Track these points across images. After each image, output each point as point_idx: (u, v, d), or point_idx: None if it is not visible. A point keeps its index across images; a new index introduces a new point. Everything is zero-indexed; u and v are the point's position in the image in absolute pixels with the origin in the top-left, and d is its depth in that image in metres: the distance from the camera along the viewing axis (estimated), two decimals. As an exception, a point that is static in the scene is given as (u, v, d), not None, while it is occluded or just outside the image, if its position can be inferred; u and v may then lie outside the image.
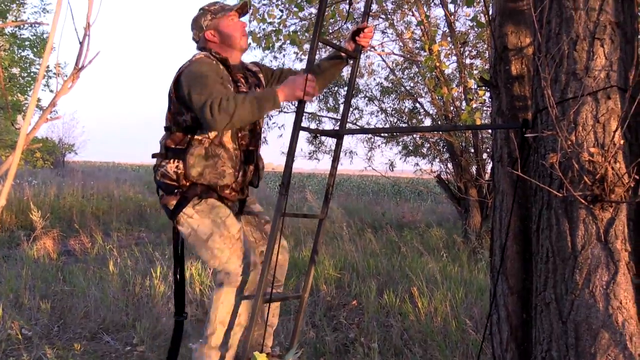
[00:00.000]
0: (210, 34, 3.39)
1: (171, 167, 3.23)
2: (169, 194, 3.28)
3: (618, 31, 2.34)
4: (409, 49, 11.51)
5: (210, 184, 3.24)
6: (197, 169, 3.20)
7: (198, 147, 3.21)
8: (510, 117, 2.97)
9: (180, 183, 3.24)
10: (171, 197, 3.27)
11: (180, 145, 3.23)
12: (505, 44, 3.02)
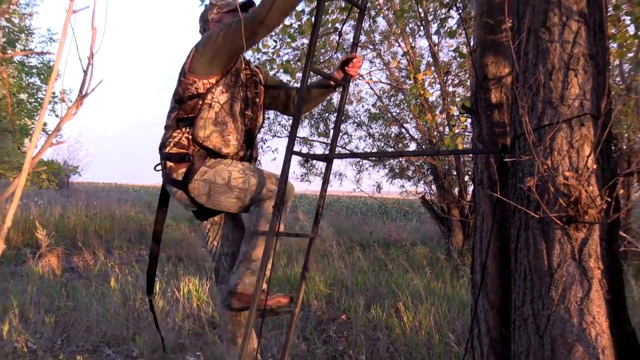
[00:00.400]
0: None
1: (182, 135, 3.21)
2: (179, 162, 3.22)
3: (591, 62, 2.36)
4: (395, 78, 11.57)
5: (215, 148, 3.20)
6: (206, 131, 3.17)
7: (209, 110, 3.18)
8: (490, 142, 2.98)
9: (190, 149, 3.21)
10: (181, 165, 3.21)
11: (192, 114, 3.20)
12: (486, 73, 3.04)
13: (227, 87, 3.27)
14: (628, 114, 8.07)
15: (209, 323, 6.19)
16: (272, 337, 5.61)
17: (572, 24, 2.35)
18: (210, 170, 3.19)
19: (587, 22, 2.37)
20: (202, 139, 3.17)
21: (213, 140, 3.19)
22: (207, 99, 3.20)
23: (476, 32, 3.14)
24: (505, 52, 2.98)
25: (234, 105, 3.29)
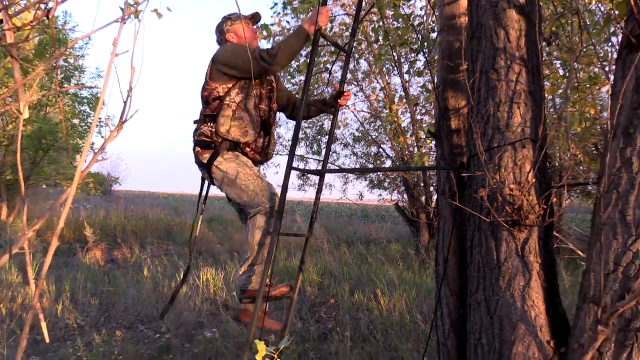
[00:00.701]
0: (230, 36, 3.40)
1: (207, 128, 3.22)
2: (204, 148, 3.23)
3: (530, 97, 2.37)
4: (374, 108, 11.60)
5: (235, 139, 3.19)
6: (226, 126, 3.16)
7: (227, 109, 3.18)
8: (450, 160, 2.98)
9: (213, 139, 3.21)
10: (206, 151, 3.21)
11: (215, 112, 3.22)
12: (447, 105, 3.05)
13: (242, 89, 3.25)
14: (559, 138, 8.10)
15: (223, 305, 6.15)
16: (275, 317, 5.58)
17: (515, 66, 2.36)
18: (225, 163, 3.18)
19: (527, 65, 2.38)
20: (223, 133, 3.17)
21: (232, 133, 3.18)
22: (225, 100, 3.20)
23: (439, 72, 3.15)
24: (462, 88, 2.99)
25: (247, 103, 3.26)
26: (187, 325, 5.36)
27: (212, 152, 3.22)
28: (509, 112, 2.33)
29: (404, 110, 9.99)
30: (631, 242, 1.89)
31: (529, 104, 2.35)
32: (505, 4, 2.40)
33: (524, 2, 2.42)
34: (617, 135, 2.04)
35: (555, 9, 4.68)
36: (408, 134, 10.58)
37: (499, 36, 2.39)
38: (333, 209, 32.39)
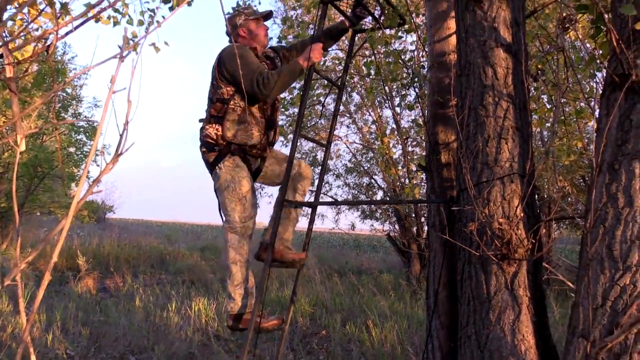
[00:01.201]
0: (242, 31, 3.39)
1: (212, 130, 3.20)
2: (210, 150, 3.23)
3: (517, 133, 2.40)
4: (367, 139, 11.68)
5: (241, 143, 3.20)
6: (232, 131, 3.17)
7: (232, 114, 3.19)
8: (440, 193, 3.00)
9: (219, 142, 3.21)
10: (211, 153, 3.23)
11: (220, 114, 3.21)
12: (437, 139, 3.08)
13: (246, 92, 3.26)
14: (547, 170, 8.17)
15: (215, 336, 6.07)
16: (266, 348, 5.51)
17: (503, 103, 2.40)
18: (224, 170, 3.20)
19: (514, 102, 2.42)
20: (229, 138, 3.18)
21: (238, 137, 3.18)
22: (230, 104, 3.21)
23: (429, 107, 3.19)
24: (452, 123, 3.02)
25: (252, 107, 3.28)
26: (178, 356, 5.28)
27: (216, 155, 3.24)
28: (497, 148, 2.35)
29: (395, 143, 10.06)
30: (619, 276, 1.90)
31: (517, 139, 2.38)
32: (492, 43, 2.45)
33: (510, 41, 2.47)
34: (602, 170, 2.07)
35: (542, 47, 4.77)
36: (399, 166, 10.64)
37: (487, 74, 2.43)
38: (325, 238, 32.28)
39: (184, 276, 11.10)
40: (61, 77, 15.78)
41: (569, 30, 3.06)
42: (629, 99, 2.12)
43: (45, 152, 14.08)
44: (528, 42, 3.94)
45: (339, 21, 3.53)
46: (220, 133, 3.20)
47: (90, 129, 17.23)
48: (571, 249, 13.89)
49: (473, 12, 2.53)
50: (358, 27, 3.37)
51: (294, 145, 3.04)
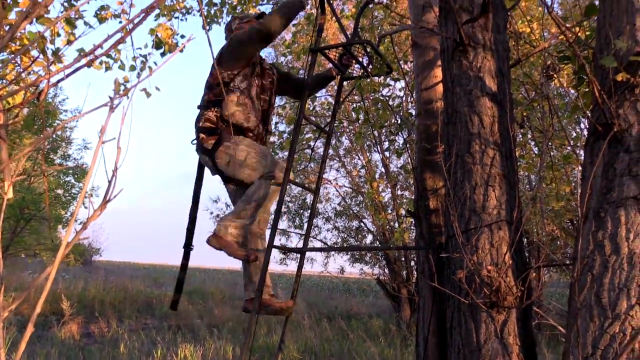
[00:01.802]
0: None
1: (212, 113, 3.23)
2: (209, 134, 3.23)
3: (504, 180, 2.42)
4: (356, 183, 11.73)
5: (238, 123, 3.21)
6: (230, 110, 3.20)
7: (232, 95, 3.23)
8: (429, 239, 3.00)
9: (218, 125, 3.22)
10: (211, 137, 3.23)
11: (219, 97, 3.25)
12: (425, 185, 3.10)
13: (245, 77, 3.32)
14: (536, 214, 8.22)
15: (201, 384, 5.93)
16: (253, 396, 5.38)
17: (489, 151, 2.43)
18: (232, 146, 3.19)
19: (501, 150, 2.45)
20: (227, 116, 3.19)
21: (236, 116, 3.21)
22: (230, 86, 3.26)
23: (417, 154, 3.22)
24: (440, 169, 3.05)
25: (251, 90, 3.33)
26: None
27: (217, 138, 3.24)
28: (484, 195, 2.37)
29: (384, 187, 10.10)
30: (608, 324, 1.89)
31: (504, 187, 2.40)
32: (478, 92, 2.50)
33: (496, 91, 2.53)
34: (588, 218, 2.08)
35: (527, 94, 4.87)
36: (389, 209, 10.66)
37: (473, 122, 2.47)
38: (314, 282, 31.98)
39: (170, 321, 10.90)
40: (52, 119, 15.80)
41: (553, 78, 3.14)
42: (612, 148, 2.16)
43: (32, 193, 14.00)
44: (513, 90, 4.03)
45: (328, 68, 3.61)
46: (219, 114, 3.23)
47: (80, 171, 17.19)
48: (562, 293, 13.85)
49: (459, 61, 2.59)
50: (346, 74, 3.44)
51: (283, 189, 3.05)
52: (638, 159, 2.13)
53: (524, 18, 5.21)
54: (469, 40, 2.55)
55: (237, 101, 3.26)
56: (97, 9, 5.31)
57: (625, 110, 2.19)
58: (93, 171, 1.82)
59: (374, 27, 5.84)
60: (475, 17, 2.57)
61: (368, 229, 12.12)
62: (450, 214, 2.41)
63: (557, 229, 8.71)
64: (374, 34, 5.51)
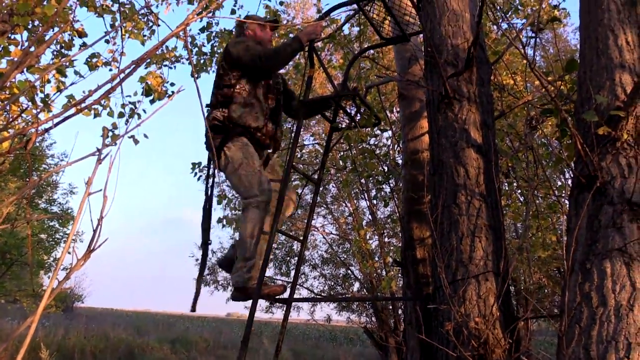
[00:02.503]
0: (248, 32, 3.53)
1: (219, 113, 3.27)
2: (216, 133, 3.28)
3: (490, 231, 2.43)
4: (343, 230, 11.70)
5: (246, 125, 3.26)
6: (238, 113, 3.24)
7: (238, 97, 3.27)
8: (416, 290, 2.98)
9: (225, 124, 3.26)
10: (218, 136, 3.27)
11: (226, 98, 3.29)
12: (412, 235, 3.10)
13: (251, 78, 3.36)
14: (523, 263, 8.22)
15: None
16: None
17: (475, 202, 2.45)
18: (233, 149, 3.23)
19: (487, 201, 2.47)
20: (235, 119, 3.24)
21: (244, 118, 3.26)
22: (236, 88, 3.30)
23: (403, 204, 3.24)
24: (427, 219, 3.05)
25: (257, 91, 3.37)
26: None
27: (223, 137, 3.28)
28: (471, 246, 2.38)
29: (371, 235, 10.08)
30: (597, 379, 1.87)
31: (490, 237, 2.41)
32: (464, 144, 2.54)
33: (481, 142, 2.57)
34: (574, 270, 2.09)
35: (512, 144, 4.95)
36: (376, 257, 10.61)
37: (459, 173, 2.50)
38: (301, 330, 31.45)
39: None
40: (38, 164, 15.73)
41: (537, 129, 3.19)
42: (596, 200, 2.19)
43: (15, 238, 13.78)
44: (498, 140, 4.10)
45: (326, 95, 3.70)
46: (227, 115, 3.28)
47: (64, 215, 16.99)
48: (550, 342, 13.70)
49: (444, 114, 2.64)
50: (335, 125, 3.49)
51: (271, 239, 3.03)
52: (622, 211, 2.16)
53: (507, 70, 5.35)
54: (454, 93, 2.61)
55: (244, 103, 3.32)
56: (88, 57, 5.38)
57: (607, 163, 2.23)
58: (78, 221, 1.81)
59: (361, 77, 5.95)
60: (460, 71, 2.64)
61: (355, 276, 12.03)
62: (437, 265, 2.41)
63: (545, 277, 8.70)
64: (362, 84, 5.61)
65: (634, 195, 2.17)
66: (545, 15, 6.12)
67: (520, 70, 5.95)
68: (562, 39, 13.04)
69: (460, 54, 2.71)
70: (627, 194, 2.17)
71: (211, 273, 13.00)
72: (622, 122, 2.23)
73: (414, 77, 3.57)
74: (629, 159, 2.23)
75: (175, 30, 1.78)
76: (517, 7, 6.07)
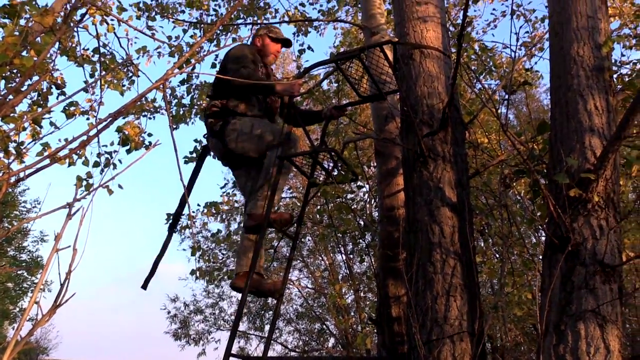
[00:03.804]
0: (258, 40, 3.63)
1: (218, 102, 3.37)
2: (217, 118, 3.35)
3: (465, 290, 2.43)
4: (319, 284, 11.58)
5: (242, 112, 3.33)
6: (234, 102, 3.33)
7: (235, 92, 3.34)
8: (391, 349, 2.94)
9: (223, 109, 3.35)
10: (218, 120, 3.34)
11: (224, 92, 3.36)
12: (387, 292, 3.09)
13: None
14: (499, 320, 8.19)
15: None
16: None
17: (450, 260, 2.46)
18: (238, 122, 3.29)
19: (461, 260, 2.48)
20: (232, 107, 3.33)
21: (241, 107, 3.34)
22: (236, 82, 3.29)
23: (379, 261, 3.24)
24: (402, 277, 3.05)
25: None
26: None
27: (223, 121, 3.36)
28: (446, 305, 2.37)
29: (347, 289, 9.99)
30: None
31: (465, 297, 2.41)
32: (439, 202, 2.56)
33: (455, 201, 2.60)
34: (549, 332, 2.09)
35: (487, 201, 5.01)
36: (352, 312, 10.48)
37: (434, 231, 2.51)
38: (274, 387, 30.55)
39: None
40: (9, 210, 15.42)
41: (511, 188, 3.25)
42: (569, 261, 2.21)
43: (-20, 287, 13.37)
44: (473, 198, 4.15)
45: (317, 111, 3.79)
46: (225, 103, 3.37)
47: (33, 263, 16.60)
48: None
49: (420, 172, 2.67)
50: (313, 180, 3.51)
51: (244, 298, 2.98)
52: (594, 272, 2.18)
53: (482, 129, 5.47)
54: (429, 152, 2.65)
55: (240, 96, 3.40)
56: (66, 105, 5.36)
57: (579, 225, 2.27)
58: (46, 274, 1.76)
59: (339, 132, 6.03)
60: (435, 130, 2.69)
61: (330, 331, 11.83)
62: (412, 324, 2.39)
63: (520, 334, 8.66)
64: (339, 139, 5.68)
65: (605, 257, 2.20)
66: (519, 76, 6.33)
67: (494, 129, 6.09)
68: (534, 98, 13.46)
69: (436, 114, 2.78)
70: (599, 256, 2.20)
71: (182, 327, 12.68)
72: (593, 185, 2.28)
73: (390, 135, 3.63)
74: (600, 220, 2.28)
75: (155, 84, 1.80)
76: (491, 69, 6.28)
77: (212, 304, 12.91)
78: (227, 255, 8.20)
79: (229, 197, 7.31)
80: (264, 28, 3.78)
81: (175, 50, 6.35)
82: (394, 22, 3.41)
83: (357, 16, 7.21)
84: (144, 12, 6.34)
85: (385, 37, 4.23)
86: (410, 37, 3.06)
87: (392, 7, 3.54)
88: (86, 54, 5.35)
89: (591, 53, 2.64)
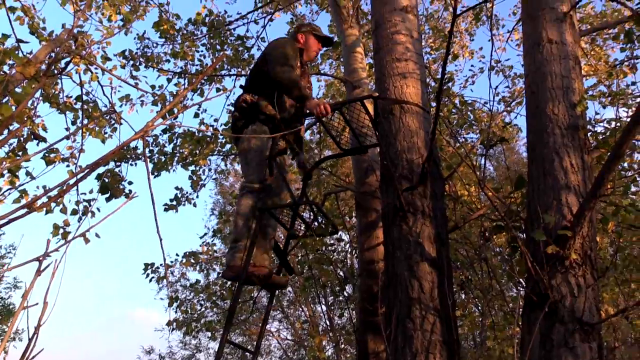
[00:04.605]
0: (301, 36, 3.64)
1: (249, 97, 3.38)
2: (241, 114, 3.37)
3: (445, 347, 2.40)
4: (299, 335, 11.38)
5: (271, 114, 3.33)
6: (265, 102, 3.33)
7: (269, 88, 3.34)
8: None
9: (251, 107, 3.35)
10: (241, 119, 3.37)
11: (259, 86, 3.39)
12: (367, 348, 3.04)
13: None
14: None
15: None
16: None
17: (430, 317, 2.43)
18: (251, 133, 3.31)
19: (441, 316, 2.46)
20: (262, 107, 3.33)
21: (269, 108, 3.34)
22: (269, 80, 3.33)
23: (358, 315, 3.20)
24: (381, 332, 3.00)
25: None
26: None
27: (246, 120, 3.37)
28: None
29: (327, 341, 9.82)
30: None
31: (444, 354, 2.38)
32: (418, 257, 2.56)
33: (435, 256, 2.60)
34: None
35: (467, 254, 5.02)
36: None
37: (413, 287, 2.50)
38: None
39: None
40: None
41: (491, 241, 3.26)
42: (548, 319, 2.21)
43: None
44: (452, 252, 4.15)
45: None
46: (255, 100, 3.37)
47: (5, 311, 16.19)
48: None
49: (399, 226, 2.67)
50: (292, 232, 3.49)
51: (221, 348, 2.91)
52: (573, 331, 2.18)
53: (462, 182, 5.53)
54: (408, 207, 2.67)
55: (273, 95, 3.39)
56: (46, 152, 5.32)
57: (557, 282, 2.28)
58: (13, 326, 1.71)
59: (320, 182, 6.05)
60: (414, 185, 2.72)
61: (310, 386, 11.56)
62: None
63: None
64: (320, 190, 5.70)
65: (584, 315, 2.20)
66: (498, 130, 6.45)
67: (474, 182, 6.16)
68: (514, 151, 13.69)
69: (415, 168, 2.81)
70: (578, 314, 2.20)
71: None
72: (570, 242, 2.30)
73: (371, 188, 3.65)
74: (578, 278, 2.29)
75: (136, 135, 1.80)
76: (472, 122, 6.40)
77: (189, 356, 12.61)
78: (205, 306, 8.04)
79: (208, 246, 7.23)
80: (307, 25, 3.85)
81: (159, 99, 6.39)
82: (375, 77, 3.49)
83: (339, 69, 7.36)
84: (129, 61, 6.41)
85: (366, 91, 4.32)
86: (390, 93, 3.12)
87: (374, 62, 3.62)
88: (69, 101, 5.35)
89: (566, 112, 2.71)
